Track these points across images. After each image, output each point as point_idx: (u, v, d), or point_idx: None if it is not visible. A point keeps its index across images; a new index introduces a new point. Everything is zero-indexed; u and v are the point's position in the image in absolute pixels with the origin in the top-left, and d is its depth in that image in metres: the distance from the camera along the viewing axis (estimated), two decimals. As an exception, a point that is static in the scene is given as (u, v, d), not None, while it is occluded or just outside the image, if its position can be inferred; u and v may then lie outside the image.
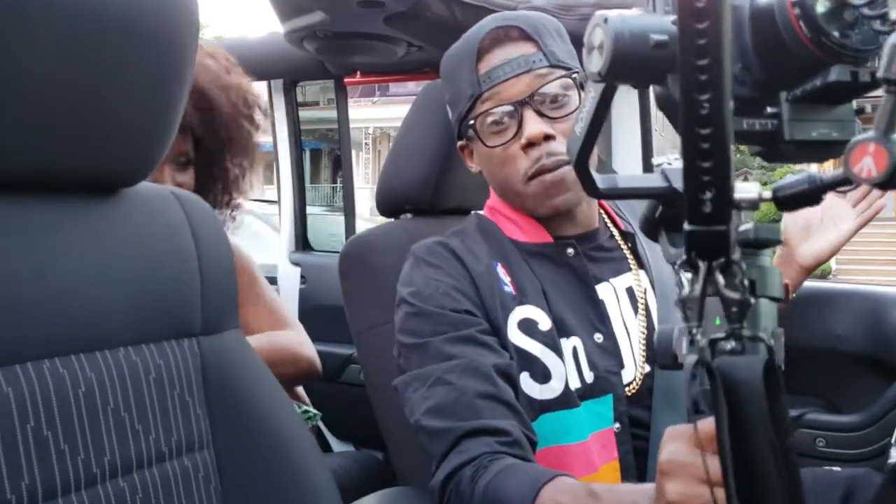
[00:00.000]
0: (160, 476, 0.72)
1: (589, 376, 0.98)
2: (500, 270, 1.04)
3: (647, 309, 1.05)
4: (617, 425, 0.98)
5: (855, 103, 0.51)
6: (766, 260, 0.49)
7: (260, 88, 2.31)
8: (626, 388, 1.00)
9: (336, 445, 2.15)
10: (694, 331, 0.44)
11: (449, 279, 1.02)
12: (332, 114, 2.29)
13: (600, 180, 0.60)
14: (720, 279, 0.43)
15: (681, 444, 0.56)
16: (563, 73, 1.02)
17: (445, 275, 1.02)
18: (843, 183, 0.44)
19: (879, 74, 0.42)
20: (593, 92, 0.56)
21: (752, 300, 0.45)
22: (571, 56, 1.06)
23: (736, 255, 0.43)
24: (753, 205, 0.48)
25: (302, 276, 2.27)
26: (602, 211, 1.14)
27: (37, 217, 0.68)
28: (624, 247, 1.11)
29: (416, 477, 1.14)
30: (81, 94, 0.65)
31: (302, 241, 2.37)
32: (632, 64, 0.48)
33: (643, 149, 1.84)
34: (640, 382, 1.00)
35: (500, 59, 1.02)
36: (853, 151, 0.41)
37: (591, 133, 0.57)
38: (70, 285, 0.68)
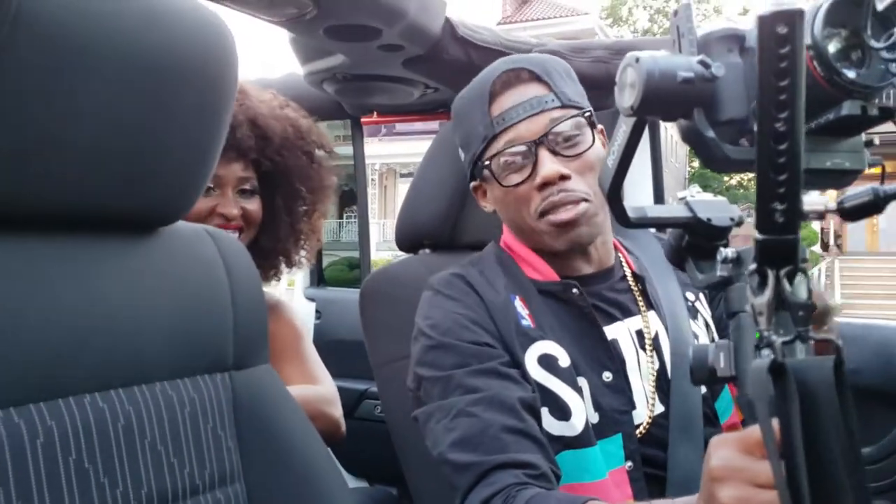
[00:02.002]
0: (194, 509, 0.74)
1: (594, 417, 0.98)
2: (518, 303, 1.05)
3: (656, 350, 1.06)
4: (629, 464, 0.98)
5: (864, 135, 0.55)
6: None
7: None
8: (637, 430, 1.00)
9: (350, 482, 2.15)
10: (766, 334, 0.46)
11: (468, 311, 1.03)
12: (341, 150, 2.32)
13: (631, 210, 0.63)
14: (787, 286, 0.46)
15: (731, 449, 0.56)
16: (575, 112, 1.03)
17: (464, 307, 1.04)
18: None
19: None
20: (625, 126, 0.59)
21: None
22: (581, 96, 1.08)
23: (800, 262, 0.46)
24: (820, 215, 0.51)
25: (317, 311, 2.29)
26: (617, 252, 1.15)
27: (80, 255, 0.71)
28: (635, 288, 1.11)
29: (436, 510, 1.15)
30: (128, 136, 0.68)
31: (317, 277, 2.39)
32: (661, 99, 0.52)
33: (654, 181, 1.87)
34: (649, 423, 1.01)
35: (512, 101, 1.04)
36: None
37: (623, 164, 0.61)
38: (111, 322, 0.70)
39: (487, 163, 1.07)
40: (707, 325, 1.13)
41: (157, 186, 0.73)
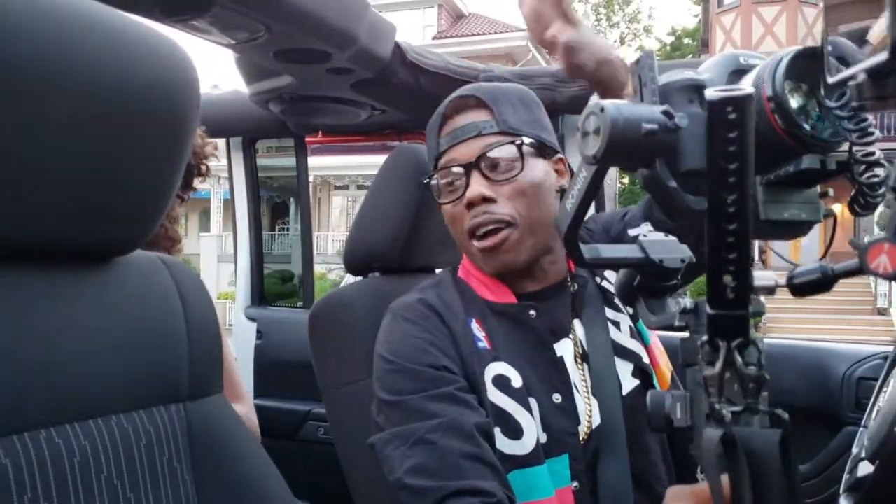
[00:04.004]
0: (149, 544, 0.73)
1: (542, 437, 1.00)
2: (475, 326, 1.06)
3: (584, 357, 1.08)
4: (575, 484, 1.00)
5: (819, 187, 0.56)
6: None
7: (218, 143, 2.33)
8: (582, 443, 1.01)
9: (293, 504, 2.12)
10: (717, 406, 0.47)
11: (427, 335, 1.04)
12: (273, 162, 2.32)
13: (586, 251, 0.64)
14: (738, 358, 0.47)
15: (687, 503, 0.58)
16: (510, 139, 1.07)
17: (423, 331, 1.05)
18: (854, 273, 0.48)
19: (890, 184, 0.47)
20: (585, 172, 0.60)
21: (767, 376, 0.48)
22: (531, 124, 1.11)
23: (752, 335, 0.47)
24: (770, 291, 0.52)
25: (258, 332, 2.25)
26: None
27: (34, 287, 0.69)
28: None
29: (387, 536, 1.14)
30: (89, 166, 0.67)
31: (258, 296, 2.36)
32: (625, 149, 0.52)
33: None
34: (586, 436, 1.02)
35: (457, 125, 1.10)
36: (870, 250, 0.45)
37: (581, 210, 0.61)
38: (66, 355, 0.69)
39: (434, 182, 1.12)
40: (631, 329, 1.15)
41: (115, 216, 0.72)
